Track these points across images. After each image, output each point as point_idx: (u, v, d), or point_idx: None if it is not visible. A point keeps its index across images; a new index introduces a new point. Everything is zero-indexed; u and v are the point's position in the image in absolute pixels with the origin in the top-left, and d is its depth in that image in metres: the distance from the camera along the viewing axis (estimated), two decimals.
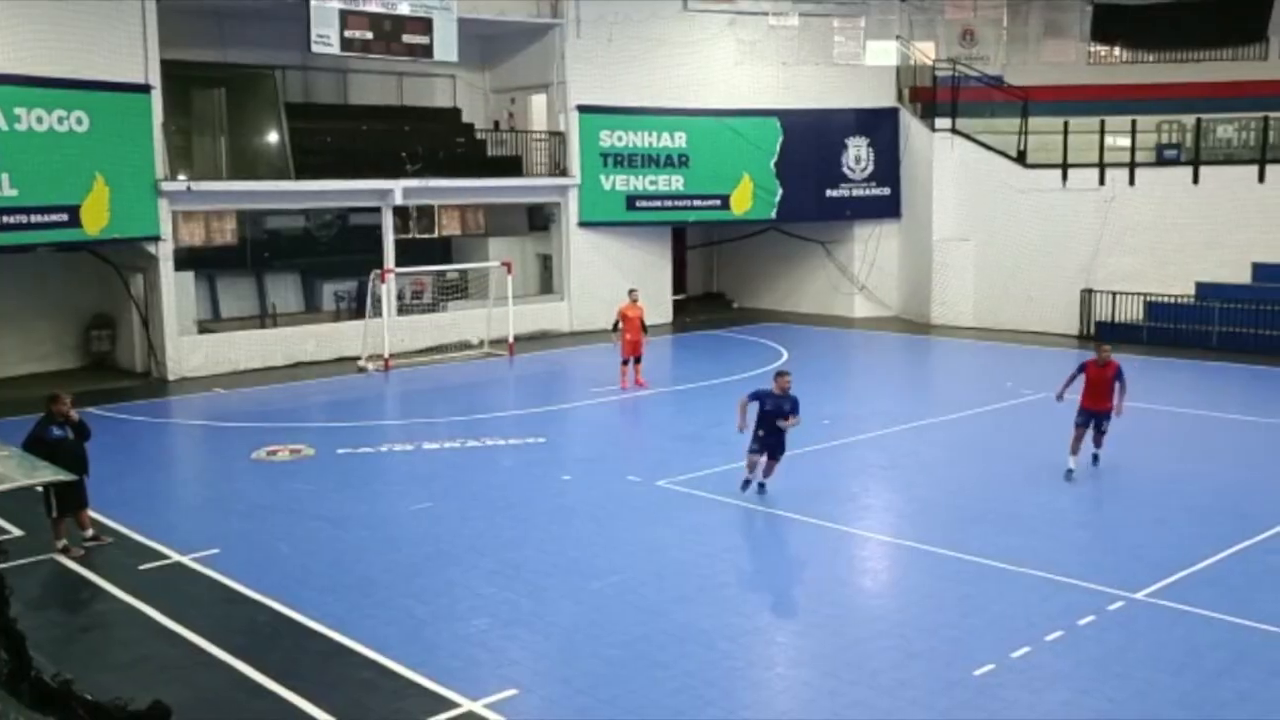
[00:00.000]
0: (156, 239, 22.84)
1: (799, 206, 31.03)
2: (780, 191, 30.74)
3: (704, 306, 33.80)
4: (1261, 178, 26.61)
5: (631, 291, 22.53)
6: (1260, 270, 25.93)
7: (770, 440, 13.81)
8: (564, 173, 29.10)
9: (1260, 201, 26.36)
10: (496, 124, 30.65)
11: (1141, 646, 9.56)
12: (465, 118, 30.24)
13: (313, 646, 9.82)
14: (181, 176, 23.37)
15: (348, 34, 24.73)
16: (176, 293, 23.44)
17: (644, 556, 12.04)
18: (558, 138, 29.15)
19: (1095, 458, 15.04)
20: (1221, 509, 13.30)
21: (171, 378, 23.05)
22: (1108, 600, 10.43)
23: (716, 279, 35.84)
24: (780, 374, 14.03)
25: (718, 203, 30.45)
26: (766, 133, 30.46)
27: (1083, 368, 14.90)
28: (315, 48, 24.52)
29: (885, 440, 17.35)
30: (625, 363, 21.62)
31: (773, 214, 31.12)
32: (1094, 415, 14.74)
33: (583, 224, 29.39)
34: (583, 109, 28.90)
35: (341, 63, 27.41)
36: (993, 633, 9.73)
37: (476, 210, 29.57)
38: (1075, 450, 14.66)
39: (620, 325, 21.62)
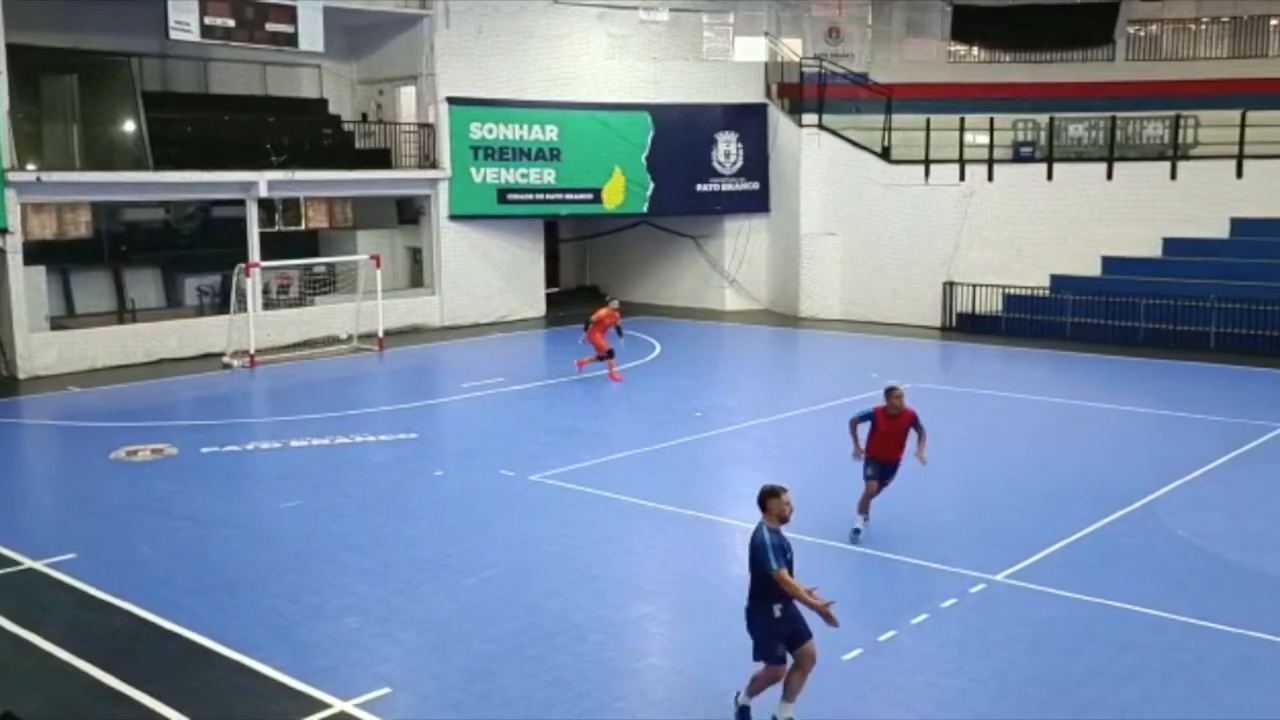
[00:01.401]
0: (4, 231, 21.89)
1: (670, 201, 31.27)
2: (652, 185, 30.94)
3: (577, 300, 33.75)
4: (1110, 175, 27.75)
5: (611, 299, 23.31)
6: (1109, 263, 27.03)
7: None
8: (434, 165, 28.79)
9: (1108, 198, 27.48)
10: (365, 116, 30.17)
11: (1001, 627, 9.89)
12: (332, 109, 29.70)
13: (176, 650, 9.55)
14: (31, 166, 22.43)
15: (208, 21, 24.05)
16: (27, 288, 22.51)
17: (517, 551, 12.01)
18: (427, 130, 28.83)
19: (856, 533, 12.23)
20: (1076, 492, 13.83)
21: (23, 376, 22.15)
22: (970, 583, 10.78)
23: (589, 273, 35.90)
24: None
25: (590, 196, 30.50)
26: (637, 127, 30.61)
27: (872, 416, 12.40)
28: (173, 35, 23.80)
29: (756, 430, 17.61)
30: (607, 355, 21.73)
31: (644, 208, 31.30)
32: (886, 467, 12.32)
33: (453, 217, 29.12)
34: (453, 101, 28.62)
35: (202, 51, 26.64)
36: (860, 618, 9.94)
37: (344, 203, 29.06)
38: (864, 509, 12.28)
39: (591, 325, 21.80)
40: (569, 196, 30.30)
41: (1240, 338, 23.80)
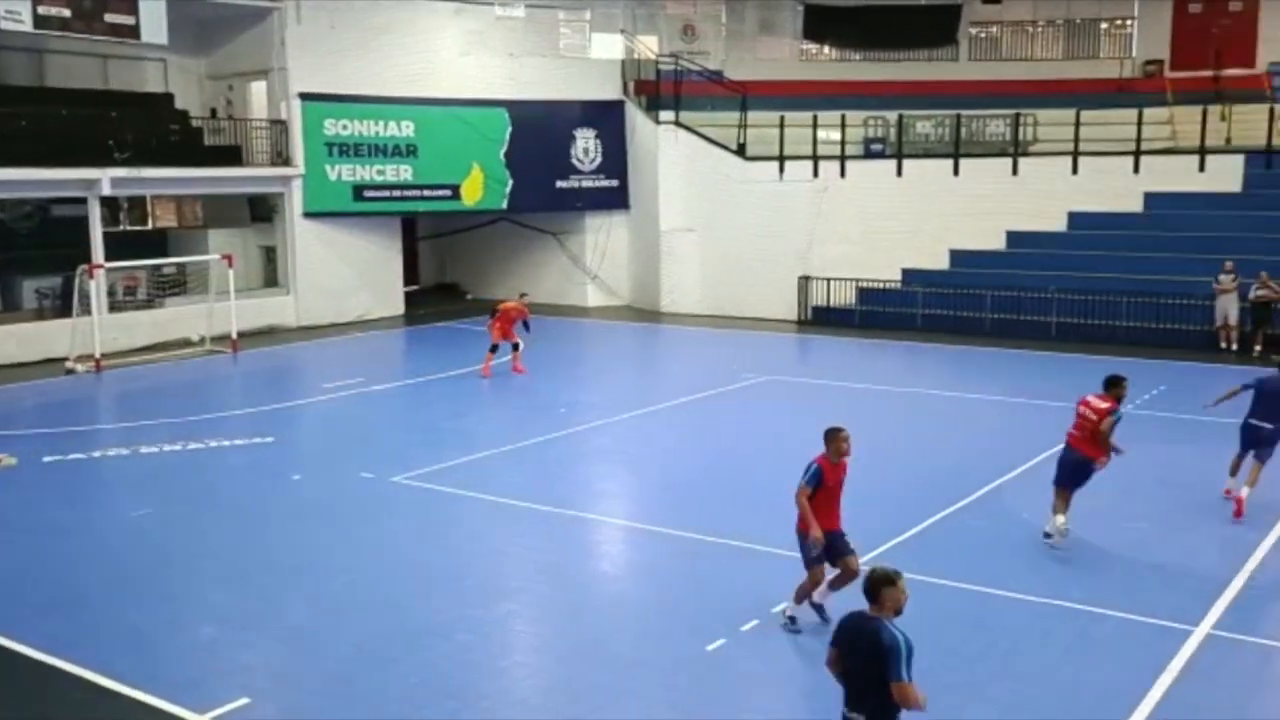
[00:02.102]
0: None
1: (530, 197, 31.22)
2: (511, 182, 30.84)
3: (437, 298, 33.49)
4: (956, 171, 28.69)
5: (523, 295, 22.86)
6: (957, 256, 27.98)
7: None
8: (287, 162, 28.16)
9: (955, 193, 28.41)
10: (213, 111, 29.33)
11: None
12: (179, 104, 28.79)
13: (22, 672, 9.17)
14: None
15: (41, 10, 23.09)
16: None
17: (380, 554, 11.88)
18: (279, 126, 28.18)
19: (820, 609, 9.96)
20: (928, 480, 14.29)
21: None
22: (829, 572, 11.03)
23: (449, 270, 35.59)
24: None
25: (448, 193, 30.25)
26: (495, 123, 30.46)
27: (819, 475, 9.82)
28: (3, 25, 22.75)
29: (619, 426, 17.73)
30: (493, 350, 21.49)
31: (504, 204, 31.20)
32: (833, 538, 9.82)
33: (308, 215, 28.54)
34: (305, 97, 28.04)
35: (37, 42, 25.56)
36: (724, 608, 10.13)
37: (194, 201, 28.19)
38: (804, 599, 9.83)
39: (496, 314, 21.63)
40: (427, 193, 30.00)
41: (1079, 327, 24.91)
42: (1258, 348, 22.88)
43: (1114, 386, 11.86)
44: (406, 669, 9.05)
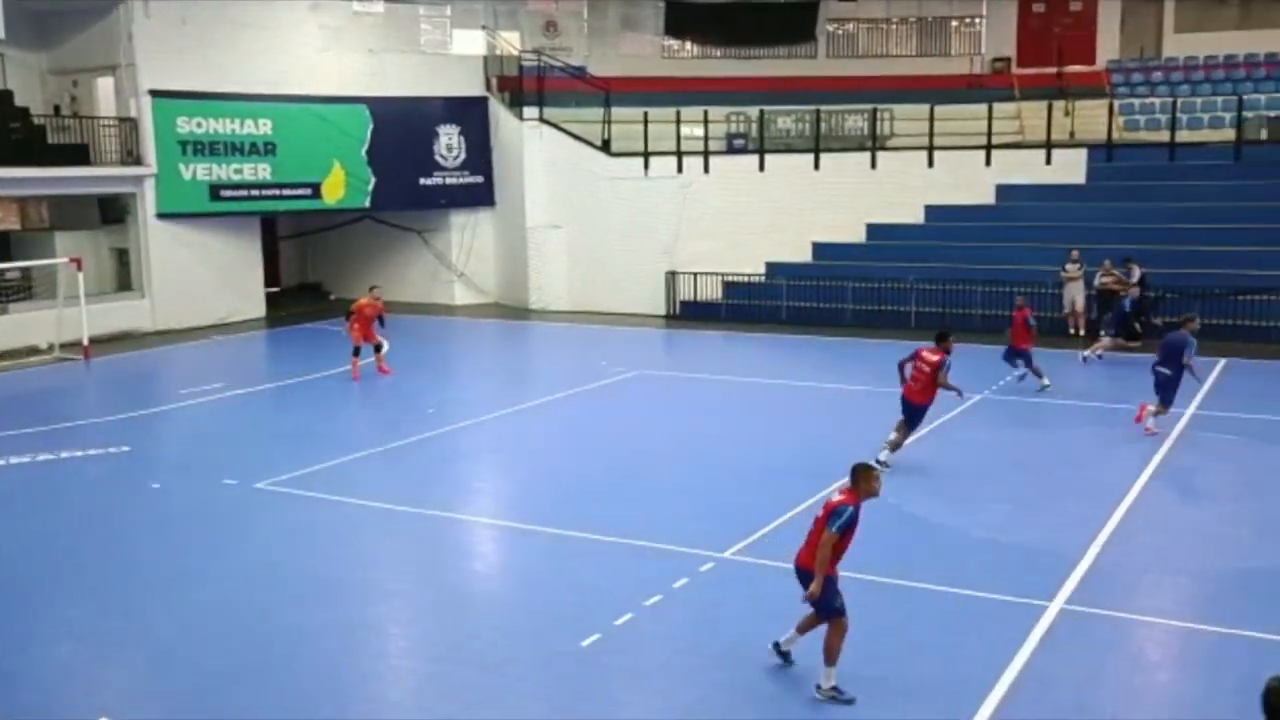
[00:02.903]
0: None
1: (393, 195, 30.81)
2: (373, 180, 30.38)
3: (299, 299, 32.79)
4: (817, 165, 29.26)
5: (372, 288, 22.01)
6: (819, 249, 28.55)
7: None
8: (138, 161, 27.23)
9: (816, 187, 28.98)
10: (57, 108, 28.17)
11: (732, 602, 10.34)
12: (19, 101, 27.50)
13: None
14: None
15: None
16: None
17: (245, 562, 11.60)
18: (129, 124, 27.22)
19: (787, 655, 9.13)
20: (795, 468, 14.55)
21: None
22: (700, 562, 11.19)
23: (311, 270, 34.87)
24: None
25: (308, 192, 29.64)
26: (356, 120, 29.96)
27: (853, 520, 8.58)
28: None
29: (489, 425, 17.64)
30: (356, 352, 21.00)
31: (366, 203, 30.71)
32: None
33: (162, 215, 27.65)
34: (156, 94, 27.14)
35: None
36: (596, 603, 10.18)
37: (39, 202, 27.03)
38: (785, 648, 8.96)
39: (353, 316, 21.05)
40: (286, 192, 29.34)
41: (937, 316, 25.56)
42: (1103, 334, 23.87)
43: (943, 340, 14.63)
44: (278, 679, 8.87)
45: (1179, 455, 15.03)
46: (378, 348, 21.30)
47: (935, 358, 14.34)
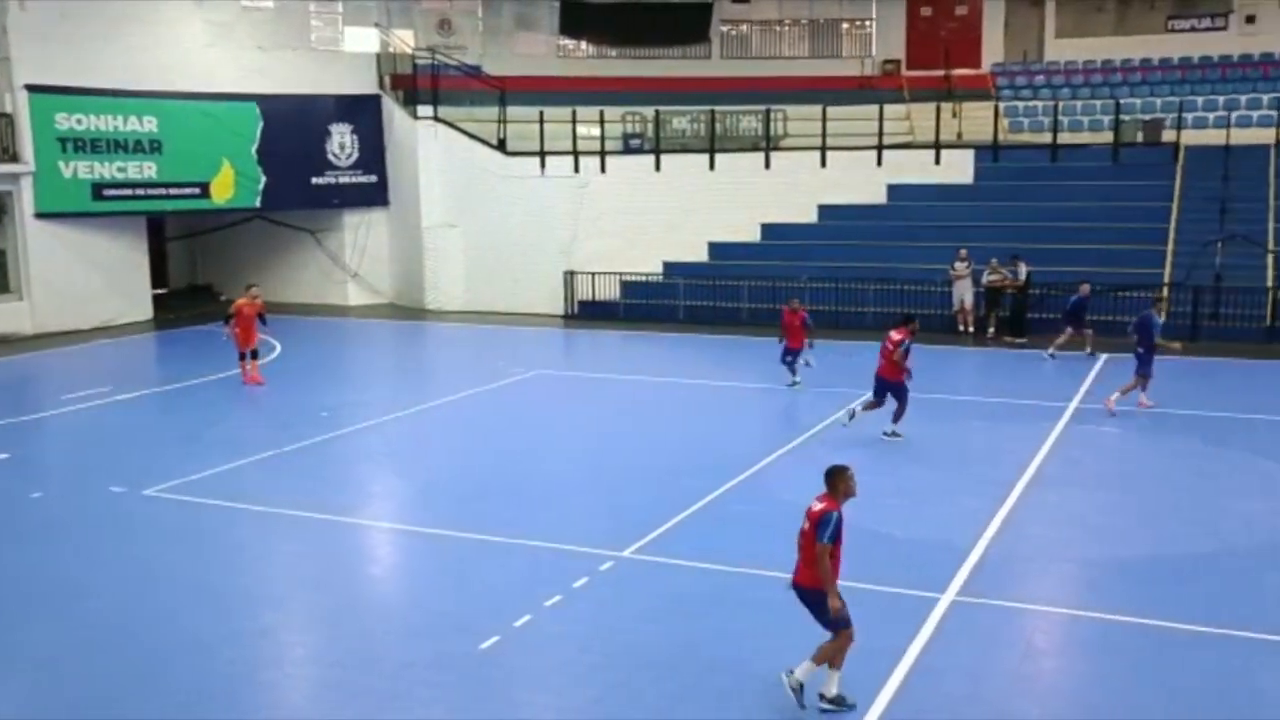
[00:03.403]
0: None
1: (285, 194, 30.26)
2: (264, 179, 29.80)
3: (189, 300, 32.01)
4: (712, 165, 29.50)
5: (249, 287, 21.34)
6: (715, 249, 28.78)
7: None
8: (14, 159, 26.31)
9: (712, 186, 29.23)
10: None
11: (631, 601, 10.38)
12: None
13: None
14: None
15: None
16: None
17: (134, 572, 11.29)
18: (4, 120, 26.27)
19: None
20: (694, 466, 14.66)
21: None
22: (600, 561, 11.21)
23: (202, 271, 34.10)
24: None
25: (196, 191, 28.97)
26: (245, 118, 29.36)
27: (839, 525, 8.17)
28: None
29: (386, 427, 17.44)
30: (242, 357, 20.37)
31: (257, 202, 30.12)
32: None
33: (41, 215, 26.76)
34: (33, 89, 26.27)
35: None
36: (495, 605, 10.14)
37: None
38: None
39: (233, 319, 20.38)
40: (173, 191, 28.63)
41: (831, 314, 26.01)
42: (991, 330, 24.52)
43: (908, 322, 16.39)
44: (170, 690, 8.66)
45: (1064, 448, 15.50)
46: (254, 354, 20.65)
47: (898, 337, 15.84)
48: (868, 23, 37.36)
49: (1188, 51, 34.59)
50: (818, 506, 8.20)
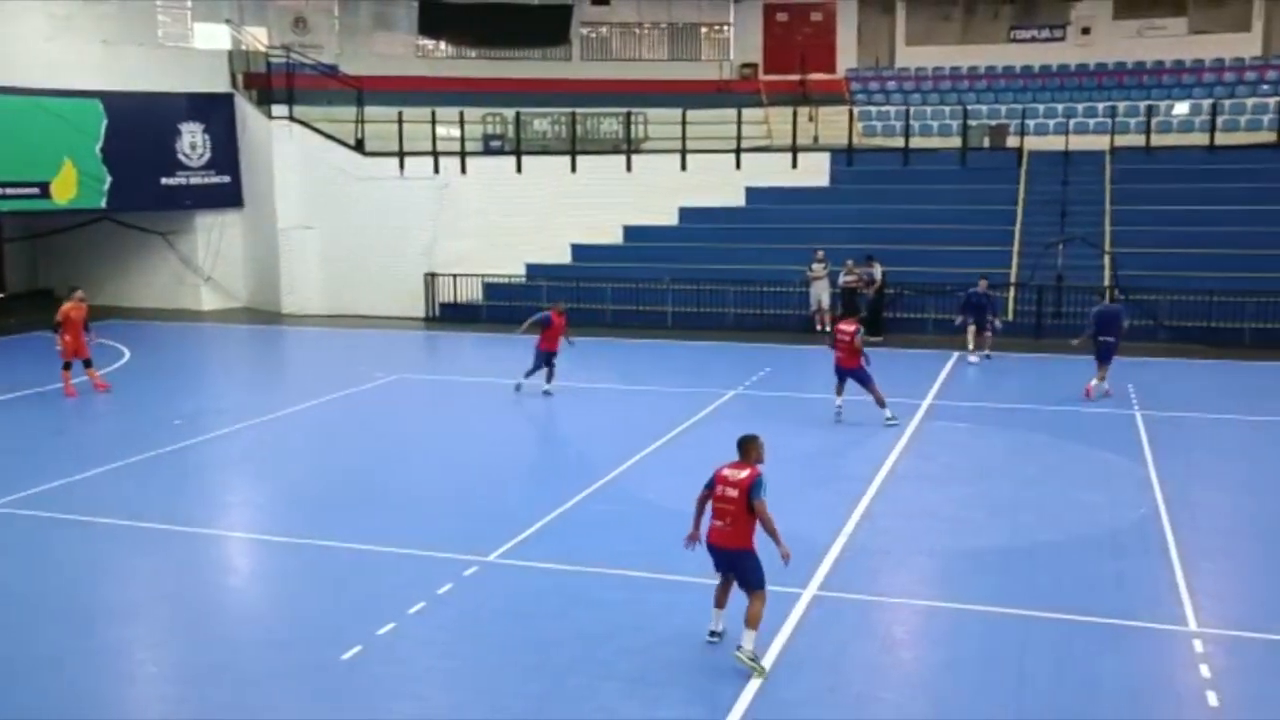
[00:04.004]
0: None
1: (133, 195, 29.18)
2: (110, 179, 28.68)
3: (29, 305, 30.58)
4: (574, 168, 29.55)
5: (74, 290, 20.30)
6: (578, 250, 28.83)
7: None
8: None
9: (574, 188, 29.28)
10: None
11: (495, 605, 10.33)
12: None
13: None
14: None
15: None
16: None
17: None
18: None
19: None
20: (557, 470, 14.71)
21: None
22: (463, 567, 11.13)
23: (44, 274, 32.64)
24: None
25: (35, 190, 27.69)
26: (89, 115, 28.21)
27: (711, 485, 9.17)
28: None
29: (244, 434, 16.99)
30: (67, 367, 19.33)
31: (103, 203, 28.96)
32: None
33: None
34: None
35: None
36: (358, 614, 9.98)
37: None
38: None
39: (61, 326, 19.33)
40: (10, 191, 27.31)
41: (692, 315, 26.35)
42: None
43: (855, 313, 19.26)
44: (13, 709, 8.28)
45: (918, 444, 15.97)
46: (87, 363, 19.76)
47: (850, 328, 17.10)
48: (725, 27, 37.91)
49: (1029, 60, 36.04)
50: (742, 473, 8.96)
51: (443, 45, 36.38)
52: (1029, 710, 8.30)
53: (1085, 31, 36.09)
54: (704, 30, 37.91)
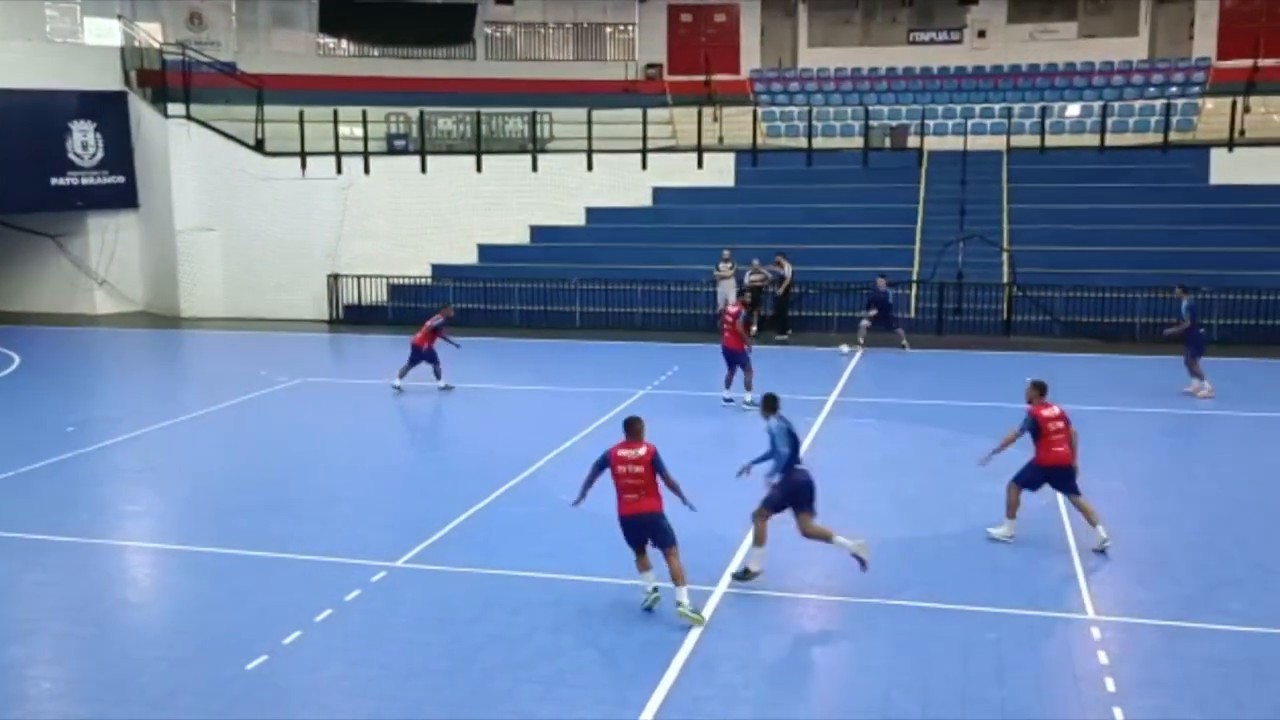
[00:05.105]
0: None
1: (19, 196, 28.24)
2: None
3: None
4: (479, 167, 29.34)
5: None
6: (485, 251, 28.65)
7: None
8: None
9: (480, 188, 29.07)
10: None
11: (405, 610, 10.20)
12: None
13: None
14: None
15: None
16: None
17: None
18: None
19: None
20: (468, 471, 14.55)
21: None
22: (371, 572, 10.98)
23: None
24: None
25: None
26: None
27: (605, 461, 10.08)
28: None
29: (141, 441, 16.55)
30: None
31: None
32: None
33: None
34: None
35: None
36: (263, 624, 9.78)
37: None
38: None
39: None
40: None
41: (600, 315, 26.35)
42: (754, 329, 25.29)
43: (742, 294, 20.43)
44: None
45: (825, 439, 16.14)
46: None
47: (735, 309, 18.09)
48: (630, 27, 37.99)
49: (927, 63, 36.75)
50: (641, 450, 9.91)
51: (344, 43, 35.86)
52: (936, 698, 8.45)
53: (981, 35, 36.90)
54: (609, 30, 37.93)
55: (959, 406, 18.20)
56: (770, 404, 10.78)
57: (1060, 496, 12.34)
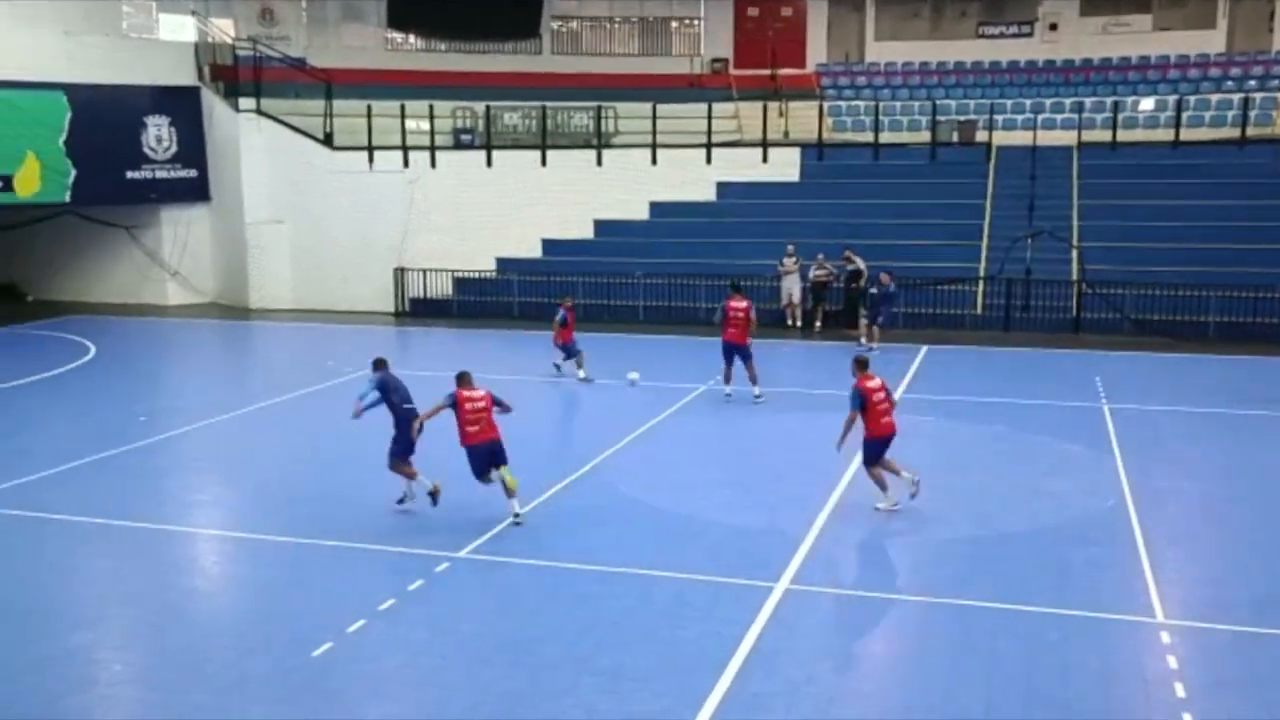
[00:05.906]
0: None
1: (97, 189, 28.80)
2: (74, 172, 28.29)
3: None
4: (544, 162, 29.42)
5: None
6: (549, 245, 28.73)
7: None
8: None
9: (544, 183, 29.14)
10: None
11: (467, 601, 10.29)
12: None
13: None
14: None
15: None
16: None
17: None
18: None
19: None
20: (530, 463, 14.53)
21: None
22: (435, 563, 11.07)
23: (7, 269, 32.22)
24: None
25: None
26: (52, 108, 27.81)
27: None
28: None
29: (211, 430, 16.84)
30: None
31: (66, 196, 28.55)
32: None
33: None
34: None
35: None
36: (328, 612, 9.90)
37: None
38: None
39: None
40: None
41: (664, 310, 26.34)
42: (818, 324, 25.16)
43: (738, 290, 18.41)
44: None
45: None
46: None
47: (744, 303, 17.84)
48: (696, 21, 37.87)
49: (997, 56, 36.18)
50: (481, 391, 12.45)
51: (412, 38, 36.16)
52: (1000, 698, 8.34)
53: (1052, 28, 36.30)
54: (675, 25, 37.86)
55: (1025, 405, 17.95)
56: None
57: (1129, 494, 12.12)
